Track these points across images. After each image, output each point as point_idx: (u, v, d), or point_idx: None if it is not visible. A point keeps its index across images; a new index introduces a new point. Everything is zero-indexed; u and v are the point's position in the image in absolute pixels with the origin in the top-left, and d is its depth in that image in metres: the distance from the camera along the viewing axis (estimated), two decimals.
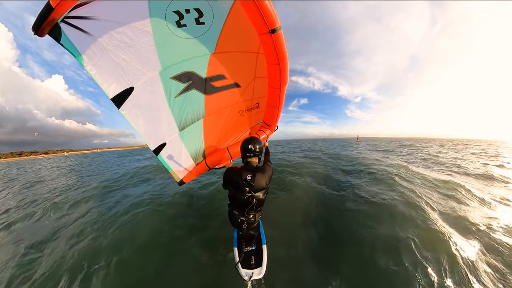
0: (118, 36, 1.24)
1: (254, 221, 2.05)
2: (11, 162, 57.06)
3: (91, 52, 1.24)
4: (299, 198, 4.51)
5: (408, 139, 70.33)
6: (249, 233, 2.15)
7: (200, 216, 3.87)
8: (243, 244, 2.10)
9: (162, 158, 2.08)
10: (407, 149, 17.56)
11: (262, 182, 1.89)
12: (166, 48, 1.40)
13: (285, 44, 1.35)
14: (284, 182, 5.60)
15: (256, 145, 1.95)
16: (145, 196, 5.14)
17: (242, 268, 2.05)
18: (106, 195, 5.84)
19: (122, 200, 5.09)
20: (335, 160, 9.90)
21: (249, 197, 1.87)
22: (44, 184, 8.64)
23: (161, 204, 4.47)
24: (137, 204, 4.54)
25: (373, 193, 4.62)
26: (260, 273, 2.03)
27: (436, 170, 7.61)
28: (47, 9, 0.96)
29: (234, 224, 2.16)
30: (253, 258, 2.16)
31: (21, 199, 6.27)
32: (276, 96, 1.88)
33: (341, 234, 3.12)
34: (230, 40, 1.50)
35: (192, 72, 1.64)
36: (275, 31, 1.20)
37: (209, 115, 2.10)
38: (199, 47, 1.47)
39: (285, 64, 1.49)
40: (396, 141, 46.64)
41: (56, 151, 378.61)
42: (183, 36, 1.36)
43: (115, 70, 1.36)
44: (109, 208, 4.60)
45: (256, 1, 1.07)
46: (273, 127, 2.51)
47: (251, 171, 1.90)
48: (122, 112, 1.54)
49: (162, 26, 1.27)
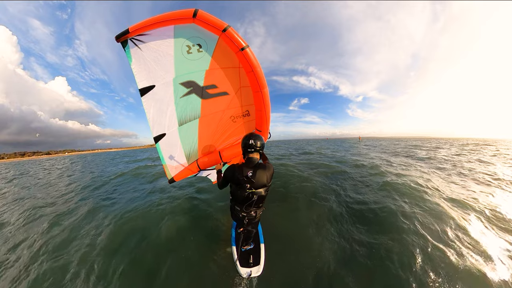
0: (154, 54, 1.99)
1: (255, 216, 2.07)
2: (11, 162, 56.51)
3: (137, 59, 1.99)
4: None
5: (413, 139, 68.31)
6: (248, 229, 2.22)
7: (197, 214, 3.88)
8: (241, 242, 2.25)
9: (159, 148, 2.49)
10: (422, 151, 15.93)
11: (264, 179, 1.90)
12: (179, 65, 2.09)
13: (254, 56, 1.89)
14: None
15: (257, 140, 1.99)
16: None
17: (241, 266, 2.22)
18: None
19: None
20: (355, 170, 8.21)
21: (250, 194, 1.88)
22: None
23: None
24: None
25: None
26: (258, 271, 2.20)
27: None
28: (126, 31, 1.80)
29: (235, 219, 2.19)
30: (252, 257, 2.34)
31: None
32: (259, 99, 2.19)
33: None
34: (218, 60, 2.10)
35: (193, 81, 2.23)
36: (244, 49, 1.80)
37: (204, 116, 2.50)
38: (199, 65, 2.12)
39: (257, 71, 1.96)
40: (401, 141, 44.81)
41: (58, 152, 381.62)
42: (190, 58, 2.05)
43: (147, 72, 2.07)
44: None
45: (228, 35, 1.74)
46: (264, 132, 2.52)
47: (252, 167, 1.92)
48: (143, 100, 2.17)
49: (179, 53, 2.00)
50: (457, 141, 41.04)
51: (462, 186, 5.65)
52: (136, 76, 2.06)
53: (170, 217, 3.85)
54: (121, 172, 9.91)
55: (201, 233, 3.26)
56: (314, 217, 3.74)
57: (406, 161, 9.92)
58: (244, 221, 2.03)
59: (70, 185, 8.07)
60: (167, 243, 3.06)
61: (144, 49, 1.93)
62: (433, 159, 10.51)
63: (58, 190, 7.47)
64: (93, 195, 6.26)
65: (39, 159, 79.40)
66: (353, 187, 5.47)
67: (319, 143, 41.67)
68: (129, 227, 3.64)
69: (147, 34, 1.85)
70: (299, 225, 3.52)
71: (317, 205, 4.28)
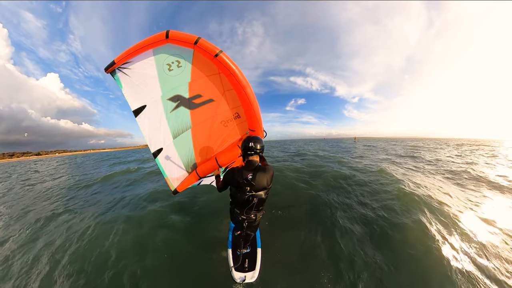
0: (140, 77, 2.15)
1: (255, 220, 2.03)
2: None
3: (127, 84, 2.17)
4: None
5: (408, 139, 68.76)
6: (247, 233, 2.12)
7: (194, 215, 3.87)
8: (239, 245, 2.16)
9: (159, 162, 2.59)
10: (429, 154, 15.40)
11: (264, 182, 1.87)
12: (164, 83, 2.23)
13: (229, 60, 1.90)
14: None
15: (257, 143, 1.97)
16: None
17: (236, 271, 2.13)
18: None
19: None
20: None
21: (250, 197, 1.85)
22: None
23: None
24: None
25: None
26: (252, 277, 2.10)
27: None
28: (112, 62, 2.01)
29: (235, 222, 2.16)
30: (247, 261, 2.24)
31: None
32: (244, 99, 2.18)
33: None
34: (198, 71, 2.20)
35: (179, 94, 2.33)
36: (217, 55, 1.83)
37: (195, 125, 2.56)
38: (181, 79, 2.23)
39: (236, 73, 1.96)
40: (397, 141, 44.72)
41: (49, 152, 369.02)
42: (172, 74, 2.18)
43: (137, 94, 2.24)
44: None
45: (201, 45, 1.81)
46: (258, 131, 2.46)
47: (252, 170, 1.89)
48: (137, 120, 2.34)
49: (161, 71, 2.16)
50: (451, 141, 41.35)
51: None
52: (129, 100, 2.26)
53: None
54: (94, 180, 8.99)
55: (194, 233, 3.21)
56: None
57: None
58: (244, 224, 2.00)
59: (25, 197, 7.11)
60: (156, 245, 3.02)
61: (131, 74, 2.13)
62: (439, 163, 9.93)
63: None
64: (45, 209, 5.35)
65: (28, 160, 76.48)
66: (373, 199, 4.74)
67: (317, 143, 41.17)
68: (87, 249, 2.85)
69: (130, 62, 2.06)
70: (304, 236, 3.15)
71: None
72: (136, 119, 2.31)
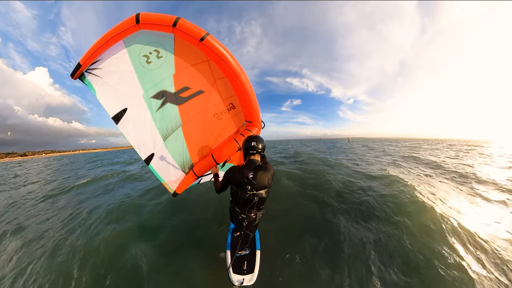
0: (115, 76, 1.91)
1: (255, 219, 2.01)
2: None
3: (101, 87, 1.92)
4: None
5: (401, 139, 69.73)
6: (246, 232, 2.10)
7: (192, 215, 3.78)
8: (237, 246, 2.09)
9: (152, 168, 2.40)
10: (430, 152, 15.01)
11: (265, 181, 1.86)
12: (144, 78, 1.98)
13: (217, 44, 1.63)
14: None
15: (259, 142, 1.95)
16: None
17: (234, 273, 2.06)
18: None
19: None
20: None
21: (251, 195, 1.84)
22: None
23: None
24: None
25: None
26: (251, 280, 2.04)
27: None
28: (78, 65, 1.77)
29: (234, 221, 2.13)
30: (246, 264, 2.18)
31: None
32: (239, 87, 1.96)
33: None
34: (182, 60, 1.94)
35: (163, 90, 2.08)
36: (203, 38, 1.57)
37: (185, 122, 2.34)
38: (164, 72, 1.97)
39: (226, 58, 1.71)
40: (390, 141, 44.95)
41: (36, 153, 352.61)
42: (151, 68, 1.92)
43: (115, 97, 1.99)
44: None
45: (181, 28, 1.53)
46: (256, 123, 2.34)
47: (253, 169, 1.88)
48: (120, 127, 2.09)
49: (139, 66, 1.90)
50: (443, 142, 42.05)
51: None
52: (105, 106, 2.01)
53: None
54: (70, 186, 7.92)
55: (192, 233, 3.12)
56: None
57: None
58: (244, 223, 1.98)
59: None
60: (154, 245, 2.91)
61: (102, 75, 1.89)
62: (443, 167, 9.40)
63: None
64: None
65: (11, 161, 72.58)
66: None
67: (313, 143, 40.85)
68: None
69: (99, 60, 1.81)
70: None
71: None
72: (117, 126, 2.06)
